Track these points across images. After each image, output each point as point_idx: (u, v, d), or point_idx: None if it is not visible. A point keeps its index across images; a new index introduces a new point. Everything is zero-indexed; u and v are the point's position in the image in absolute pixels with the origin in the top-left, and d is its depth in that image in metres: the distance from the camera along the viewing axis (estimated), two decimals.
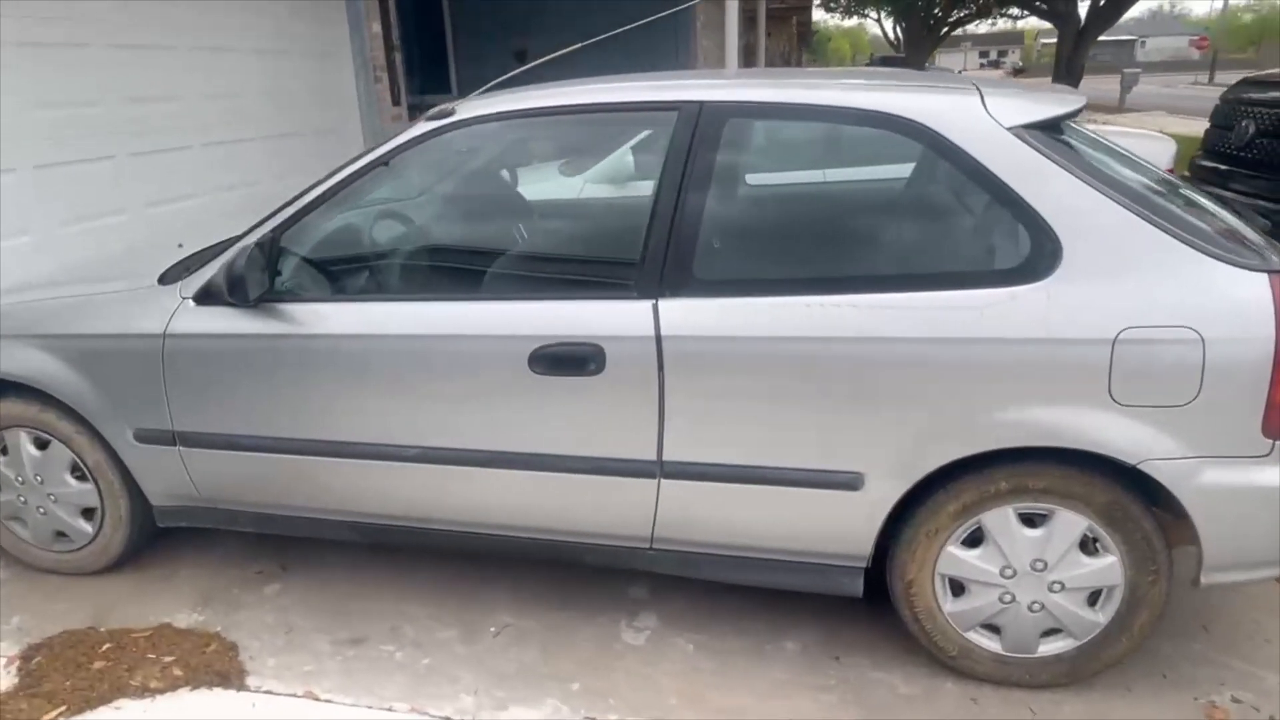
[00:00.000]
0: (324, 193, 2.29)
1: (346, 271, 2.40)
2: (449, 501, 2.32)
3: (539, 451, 2.19)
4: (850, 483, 2.04)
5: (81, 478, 2.61)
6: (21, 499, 2.66)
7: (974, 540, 2.08)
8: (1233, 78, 6.56)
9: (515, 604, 2.55)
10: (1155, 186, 2.10)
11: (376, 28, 6.97)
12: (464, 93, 10.60)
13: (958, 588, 2.13)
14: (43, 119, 4.20)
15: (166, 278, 2.52)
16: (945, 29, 32.84)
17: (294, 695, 2.21)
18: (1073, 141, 2.06)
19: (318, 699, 2.20)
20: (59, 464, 2.59)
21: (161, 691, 2.21)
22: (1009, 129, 1.97)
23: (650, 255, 2.09)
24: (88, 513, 2.66)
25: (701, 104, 2.10)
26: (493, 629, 2.45)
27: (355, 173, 2.28)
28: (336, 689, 2.23)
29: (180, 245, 3.00)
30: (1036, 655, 2.13)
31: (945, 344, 1.92)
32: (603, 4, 9.08)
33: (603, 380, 2.09)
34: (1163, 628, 2.23)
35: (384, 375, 2.23)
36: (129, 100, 4.71)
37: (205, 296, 2.33)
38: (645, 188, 2.36)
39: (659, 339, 2.04)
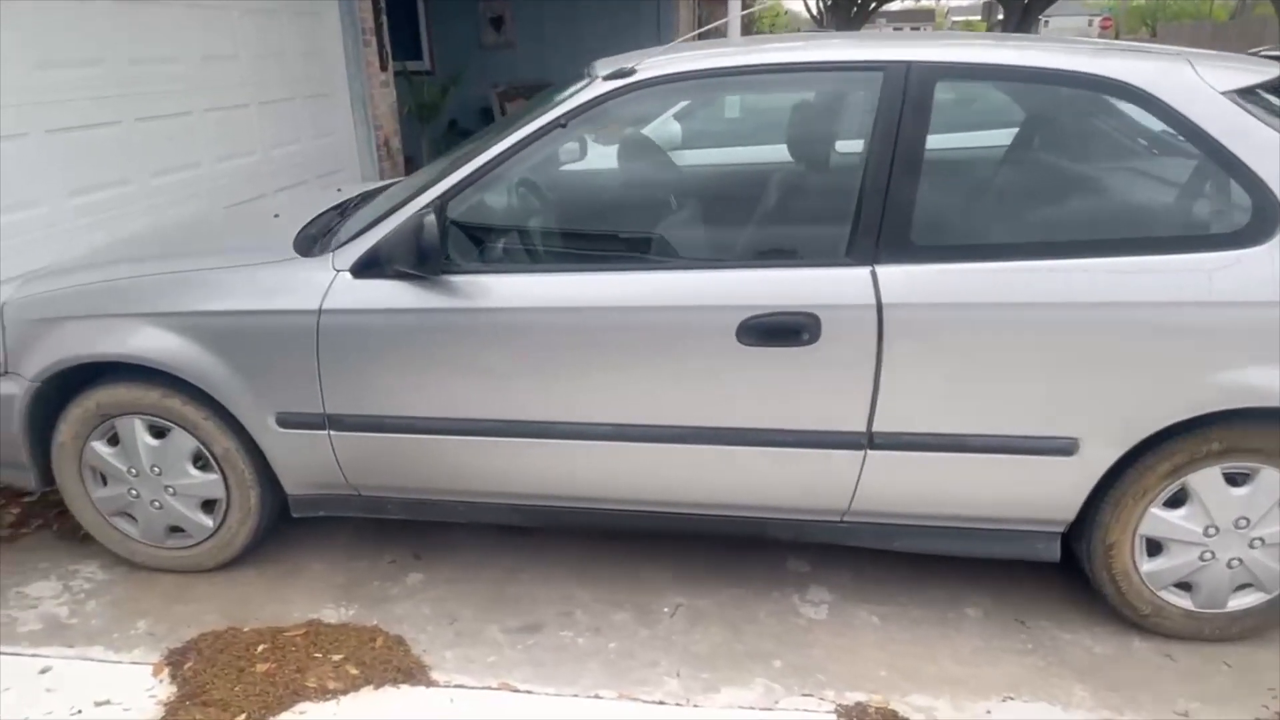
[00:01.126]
0: (495, 156, 2.14)
1: (523, 241, 2.26)
2: (633, 479, 2.23)
3: (741, 425, 2.12)
4: (1066, 448, 2.04)
5: (204, 467, 2.40)
6: (133, 493, 2.44)
7: (1176, 501, 2.11)
8: None
9: (679, 583, 2.48)
10: None
11: None
12: (438, 59, 10.45)
13: (1154, 547, 2.16)
14: (48, 80, 3.83)
15: (302, 249, 2.33)
16: (873, 3, 33.29)
17: (489, 688, 2.10)
18: (1275, 105, 2.09)
19: (516, 690, 2.09)
20: (180, 453, 2.38)
21: (343, 692, 2.07)
22: (1223, 94, 1.98)
23: (864, 221, 2.03)
24: (208, 505, 2.46)
25: (909, 64, 2.04)
26: (666, 609, 2.38)
27: (529, 135, 2.14)
28: (532, 679, 2.12)
29: (276, 216, 2.79)
30: (1226, 610, 2.19)
31: (1175, 308, 1.93)
32: None
33: (816, 351, 2.03)
34: None
35: (574, 350, 2.11)
36: (130, 61, 4.35)
37: (366, 268, 2.16)
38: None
39: (879, 306, 1.99)
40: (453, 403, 2.20)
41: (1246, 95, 2.01)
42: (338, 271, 2.19)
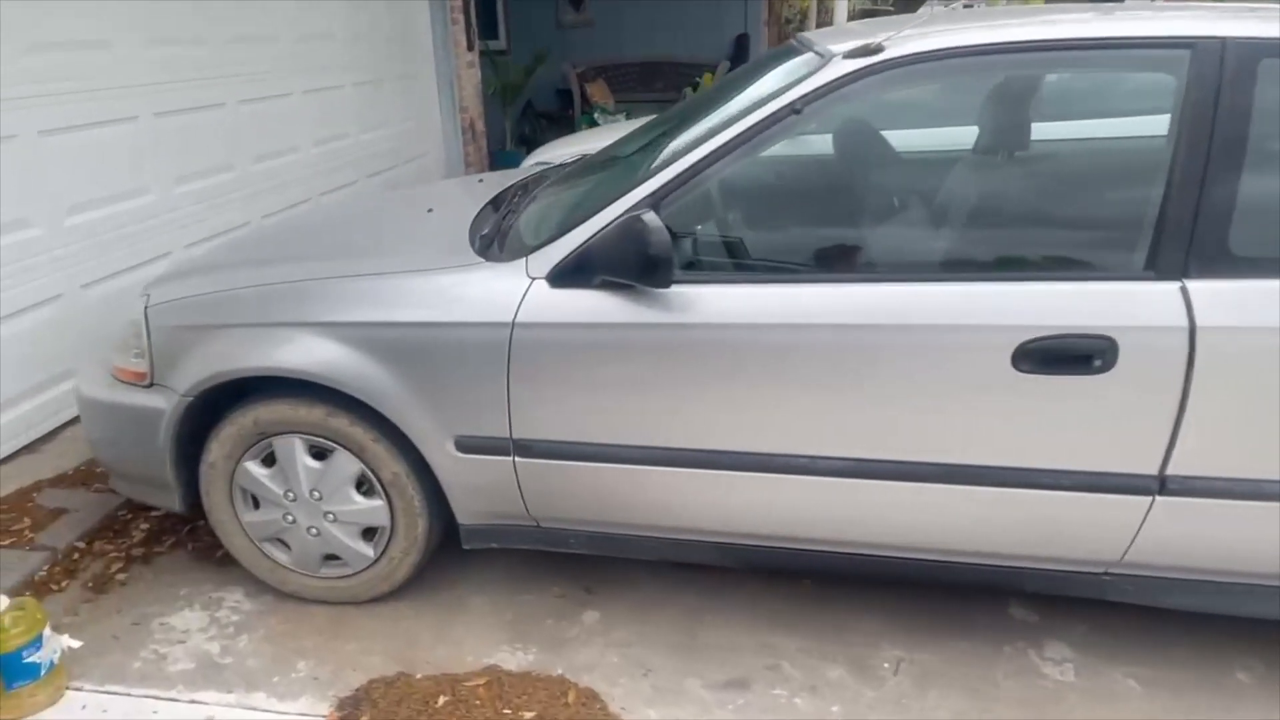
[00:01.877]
0: (719, 148, 1.85)
1: (752, 246, 1.97)
2: (870, 521, 1.94)
3: (1007, 465, 1.82)
4: None
5: (368, 493, 2.16)
6: (288, 518, 2.20)
7: None
8: None
9: (892, 631, 2.19)
10: None
11: None
12: (514, 39, 10.09)
13: None
14: (156, 59, 3.61)
15: (483, 252, 2.07)
16: None
17: None
18: None
19: None
20: (343, 477, 2.14)
21: None
22: None
23: (1170, 227, 1.71)
24: (368, 533, 2.22)
25: (1224, 40, 1.71)
26: (886, 664, 2.09)
27: (759, 123, 1.84)
28: None
29: (430, 210, 2.53)
30: None
31: None
32: None
33: (1109, 380, 1.72)
34: None
35: (813, 374, 1.82)
36: (233, 40, 4.11)
37: (569, 276, 1.89)
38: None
39: (1192, 330, 1.67)
40: (663, 430, 1.93)
41: None
42: (533, 279, 1.92)
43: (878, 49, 1.84)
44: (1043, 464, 1.81)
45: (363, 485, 2.16)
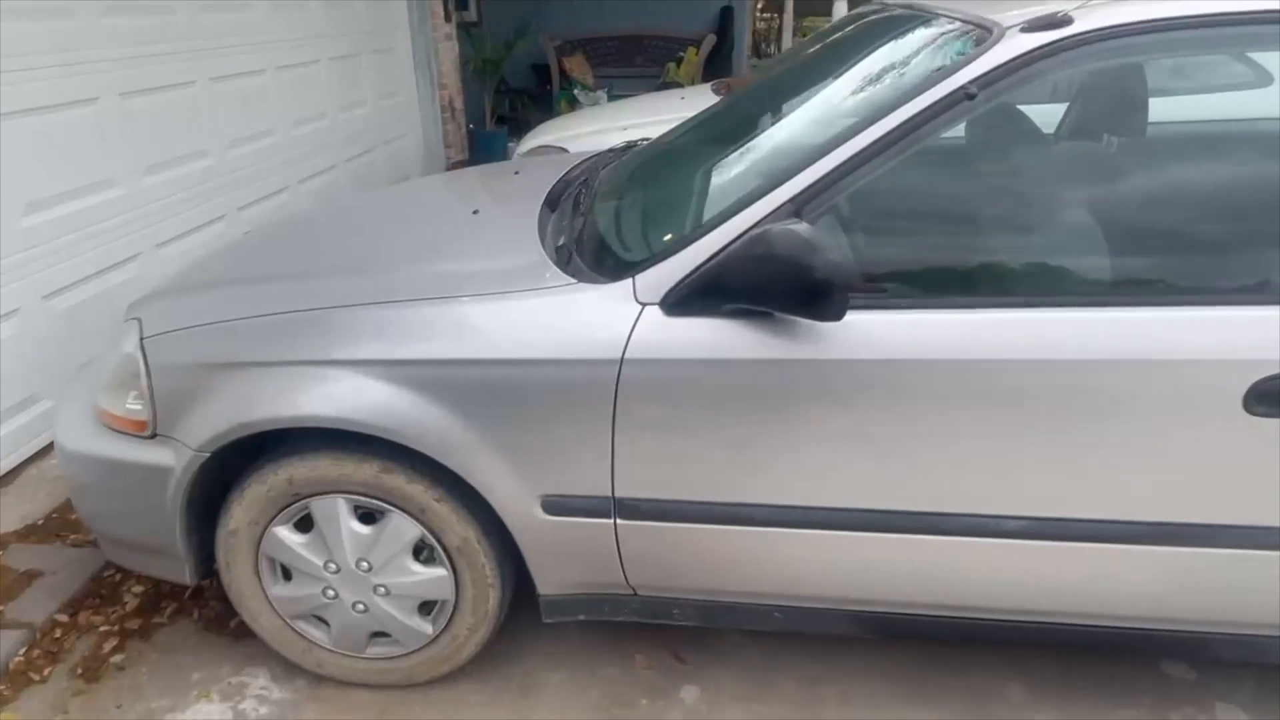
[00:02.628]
0: (877, 140, 1.50)
1: (917, 261, 1.62)
2: (1048, 586, 1.63)
3: (1230, 523, 1.52)
4: None
5: (428, 560, 1.79)
6: (329, 593, 1.82)
7: None
8: None
9: (1040, 700, 1.90)
10: None
11: None
12: (486, 11, 9.47)
13: None
14: (119, 28, 3.11)
15: (565, 268, 1.69)
16: None
17: None
18: None
19: None
20: (398, 543, 1.76)
21: None
22: None
23: None
24: (426, 607, 1.85)
25: None
26: None
27: (925, 111, 1.49)
28: None
29: (476, 212, 2.14)
30: None
31: None
32: None
33: None
34: None
35: (1008, 418, 1.50)
36: (204, 8, 3.61)
37: (691, 303, 1.53)
38: None
39: None
40: (811, 487, 1.59)
41: None
42: (643, 305, 1.56)
43: (1065, 20, 1.50)
44: (1270, 521, 1.52)
45: (421, 552, 1.79)
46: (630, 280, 1.58)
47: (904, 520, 1.58)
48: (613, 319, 1.56)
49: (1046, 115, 1.98)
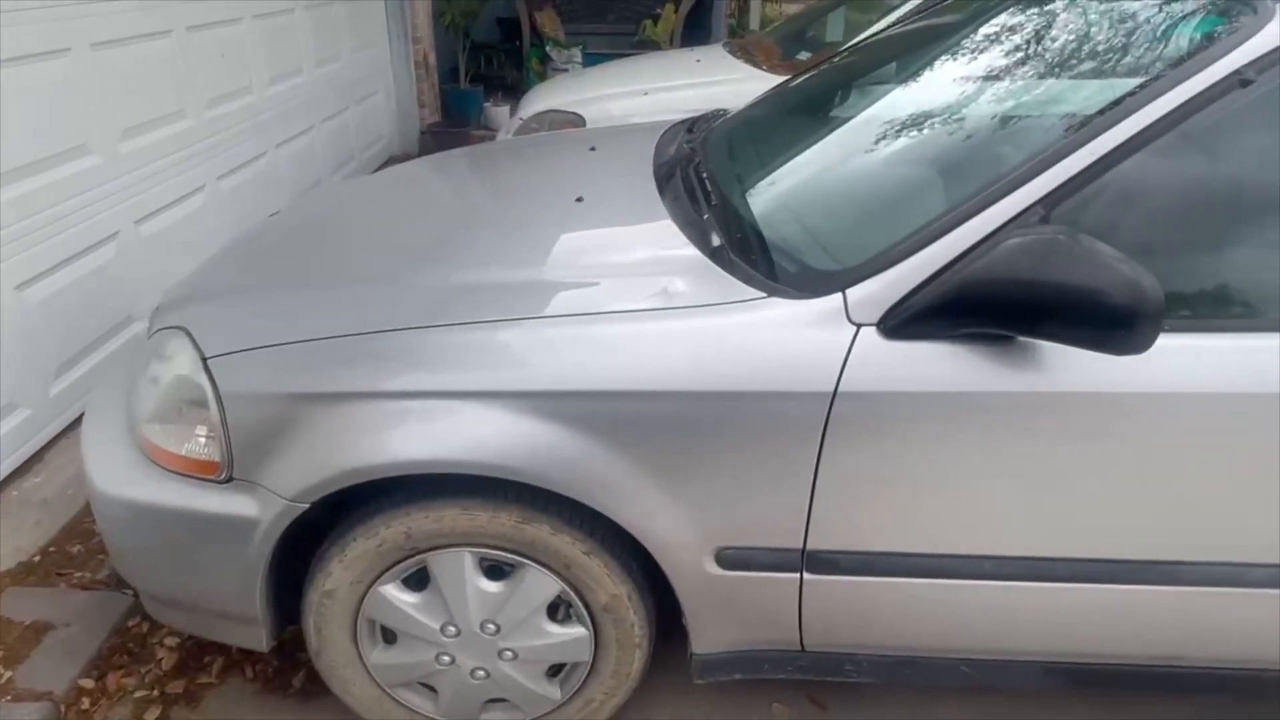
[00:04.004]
0: (1141, 133, 1.26)
1: (1186, 274, 1.39)
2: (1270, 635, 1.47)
3: None
4: None
5: (564, 620, 1.52)
6: (444, 658, 1.54)
7: None
8: None
9: None
10: None
11: None
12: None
13: None
14: None
15: (737, 273, 1.42)
16: None
17: None
18: None
19: None
20: (532, 602, 1.48)
21: None
22: None
23: None
24: (554, 669, 1.58)
25: None
26: None
27: (1193, 100, 1.26)
28: None
29: (579, 199, 1.83)
30: None
31: None
32: None
33: None
34: None
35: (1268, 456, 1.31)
36: None
37: (920, 323, 1.28)
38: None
39: None
40: (1034, 535, 1.37)
41: None
42: (858, 326, 1.30)
43: None
44: None
45: (556, 610, 1.52)
46: (840, 295, 1.31)
47: (1136, 571, 1.38)
48: (822, 343, 1.30)
49: None
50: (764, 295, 1.36)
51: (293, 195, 4.15)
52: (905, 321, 1.29)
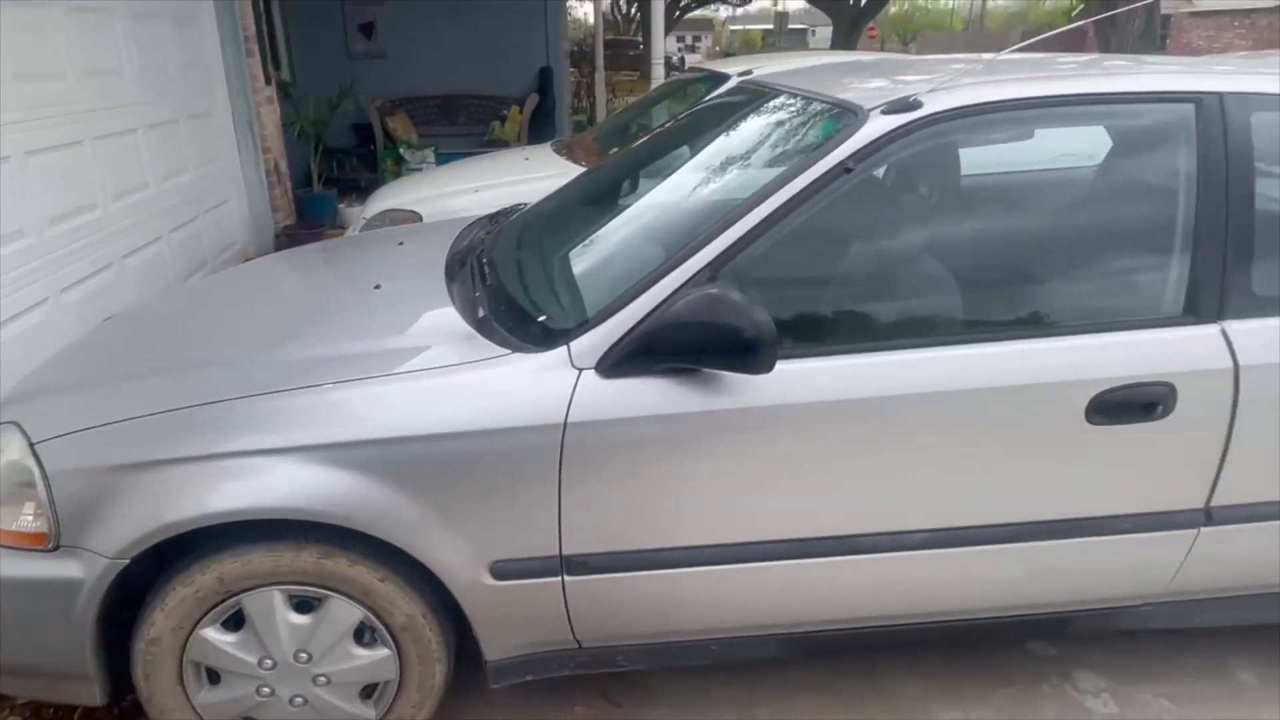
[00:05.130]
0: (778, 209, 1.70)
1: (822, 313, 1.81)
2: (942, 590, 1.87)
3: (1074, 516, 1.82)
4: None
5: (370, 643, 1.77)
6: (265, 689, 1.75)
7: None
8: None
9: (939, 695, 2.13)
10: None
11: None
12: (299, 70, 9.27)
13: None
14: None
15: (493, 337, 1.76)
16: (676, 12, 34.12)
17: None
18: None
19: None
20: (339, 629, 1.73)
21: None
22: None
23: (1203, 272, 1.79)
24: (368, 690, 1.82)
25: (1221, 95, 1.83)
26: None
27: (814, 183, 1.71)
28: None
29: (378, 287, 2.16)
30: None
31: None
32: None
33: (1167, 424, 1.77)
34: None
35: (898, 446, 1.72)
36: (14, 77, 3.35)
37: (627, 364, 1.65)
38: None
39: (1236, 370, 1.76)
40: (747, 525, 1.74)
41: None
42: (580, 370, 1.66)
43: (915, 104, 1.78)
44: (1108, 511, 1.83)
45: (363, 635, 1.77)
46: (565, 348, 1.68)
47: (824, 545, 1.77)
48: (553, 385, 1.65)
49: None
50: (509, 352, 1.71)
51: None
52: (615, 364, 1.66)
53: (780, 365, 1.65)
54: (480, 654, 1.83)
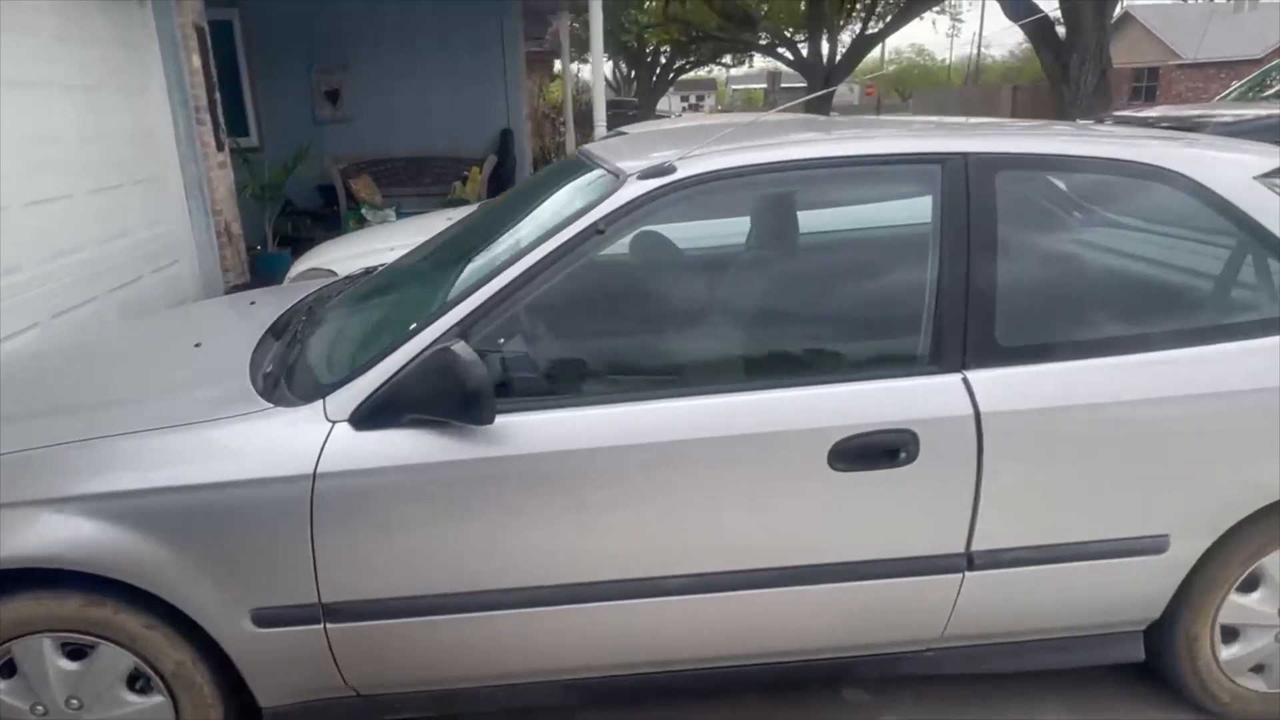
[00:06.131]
0: (529, 269, 1.80)
1: (570, 369, 1.90)
2: (712, 634, 1.91)
3: (832, 561, 1.87)
4: (1157, 546, 1.95)
5: (144, 689, 1.83)
6: None
7: (1249, 585, 2.07)
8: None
9: None
10: None
11: (196, 60, 5.92)
12: (267, 135, 9.51)
13: (1231, 635, 2.11)
14: None
15: (269, 395, 1.86)
16: (670, 73, 34.96)
17: None
18: None
19: None
20: (110, 676, 1.80)
21: None
22: (1259, 178, 2.00)
23: (946, 324, 1.87)
24: None
25: (966, 156, 1.93)
26: None
27: (566, 244, 1.82)
28: None
29: (198, 345, 2.26)
30: None
31: (1257, 394, 1.89)
32: (419, 24, 8.49)
33: (914, 470, 1.83)
34: None
35: (641, 495, 1.79)
36: None
37: (375, 417, 1.74)
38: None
39: (978, 417, 1.83)
40: (499, 571, 1.80)
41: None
42: (333, 423, 1.75)
43: (669, 169, 1.89)
44: (866, 555, 1.88)
45: (136, 681, 1.83)
46: (321, 402, 1.77)
47: (583, 591, 1.82)
48: (305, 438, 1.74)
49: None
50: (271, 406, 1.80)
51: None
52: (366, 416, 1.75)
53: (519, 417, 1.74)
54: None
